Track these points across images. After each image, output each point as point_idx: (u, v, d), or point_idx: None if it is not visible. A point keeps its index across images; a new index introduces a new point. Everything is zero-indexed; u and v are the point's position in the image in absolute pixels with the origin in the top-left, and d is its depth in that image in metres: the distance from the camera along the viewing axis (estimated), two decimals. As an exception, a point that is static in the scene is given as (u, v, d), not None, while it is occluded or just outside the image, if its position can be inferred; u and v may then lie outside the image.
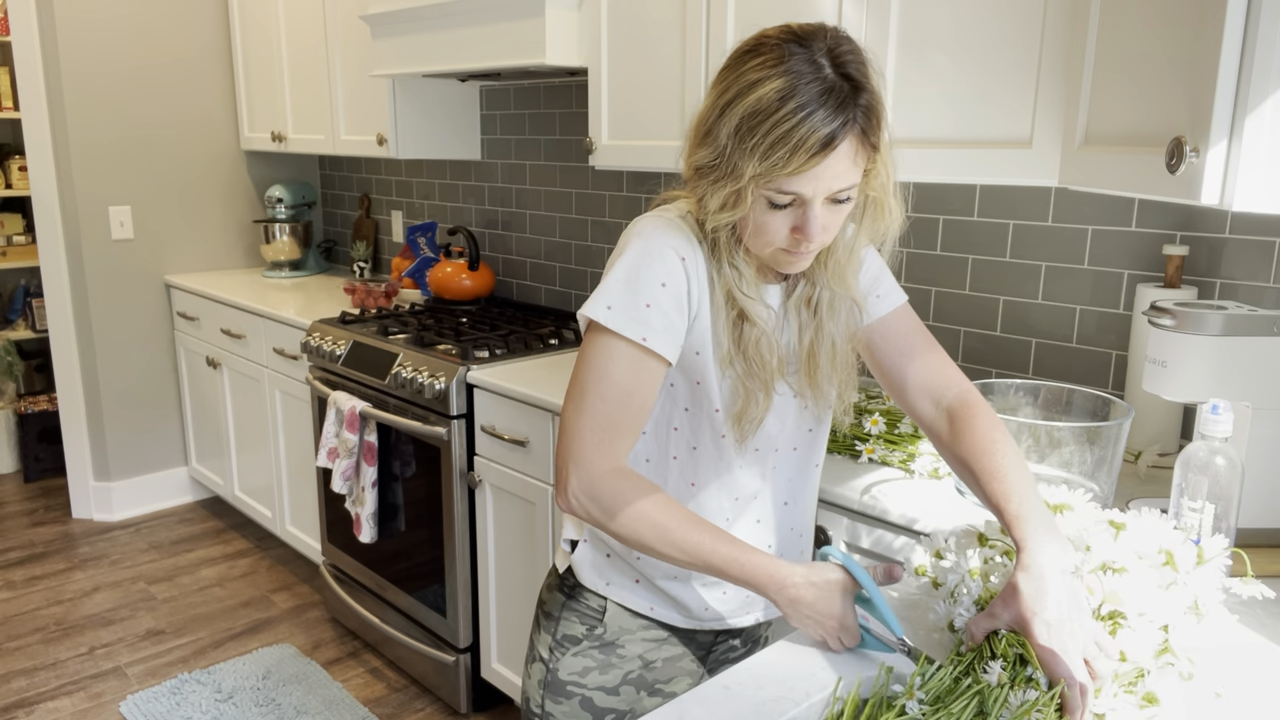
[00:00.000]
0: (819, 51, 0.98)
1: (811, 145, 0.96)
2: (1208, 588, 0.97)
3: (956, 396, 1.17)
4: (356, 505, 2.60)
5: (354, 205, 3.93)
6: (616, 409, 1.07)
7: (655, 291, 1.07)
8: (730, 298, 1.10)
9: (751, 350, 1.10)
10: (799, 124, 0.95)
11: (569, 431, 1.08)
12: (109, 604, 3.09)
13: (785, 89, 0.96)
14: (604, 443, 1.07)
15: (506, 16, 2.29)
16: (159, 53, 3.59)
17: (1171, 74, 1.12)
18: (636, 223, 1.13)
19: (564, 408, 1.10)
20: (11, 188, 4.15)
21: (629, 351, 1.06)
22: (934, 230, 2.03)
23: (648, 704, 1.27)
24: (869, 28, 1.65)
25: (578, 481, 1.06)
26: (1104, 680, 0.88)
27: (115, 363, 3.65)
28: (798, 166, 0.97)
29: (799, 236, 1.03)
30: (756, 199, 1.02)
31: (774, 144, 0.96)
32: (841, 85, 0.97)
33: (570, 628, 1.27)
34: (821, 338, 1.14)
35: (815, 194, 1.00)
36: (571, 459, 1.07)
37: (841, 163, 0.98)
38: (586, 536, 1.26)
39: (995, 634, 0.92)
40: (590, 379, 1.08)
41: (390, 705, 2.56)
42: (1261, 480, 1.29)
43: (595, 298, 1.08)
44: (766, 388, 1.12)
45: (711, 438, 1.16)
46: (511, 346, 2.49)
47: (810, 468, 1.26)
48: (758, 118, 0.97)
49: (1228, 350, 1.28)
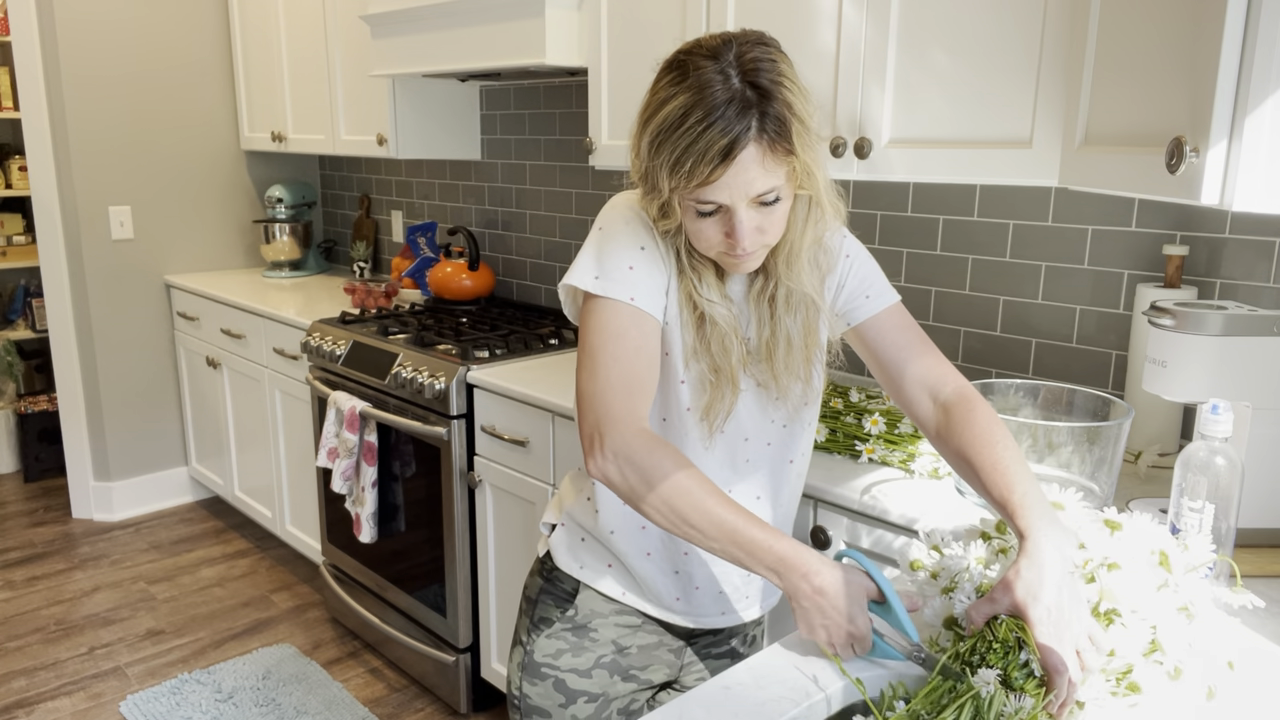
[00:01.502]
0: (727, 62, 1.01)
1: (712, 156, 0.99)
2: (1198, 592, 0.97)
3: (954, 391, 1.17)
4: (356, 505, 2.60)
5: (354, 205, 3.93)
6: (631, 366, 1.08)
7: (635, 254, 1.11)
8: (690, 300, 1.13)
9: (715, 348, 1.13)
10: (699, 136, 0.99)
11: (590, 396, 1.08)
12: (109, 604, 3.09)
13: (688, 103, 1.00)
14: (628, 402, 1.07)
15: (506, 16, 2.29)
16: (159, 53, 3.59)
17: (1171, 74, 1.12)
18: (613, 198, 1.18)
19: (579, 377, 1.11)
20: (11, 188, 4.15)
21: (627, 311, 1.09)
22: (934, 230, 2.03)
23: (621, 689, 1.28)
24: (869, 28, 1.65)
25: (613, 445, 1.04)
26: (1092, 672, 0.89)
27: (115, 363, 3.65)
28: (703, 178, 1.00)
29: (732, 241, 1.06)
30: (685, 208, 1.06)
31: (679, 157, 1.00)
32: (745, 94, 0.99)
33: (545, 610, 1.29)
34: (778, 332, 1.16)
35: (733, 200, 1.03)
36: (603, 422, 1.06)
37: (750, 169, 1.00)
38: (564, 520, 1.28)
39: (994, 619, 0.92)
40: (598, 342, 1.09)
41: (390, 705, 2.56)
42: (1261, 480, 1.29)
43: (580, 268, 1.12)
44: (733, 383, 1.15)
45: (678, 412, 1.18)
46: (511, 346, 2.49)
47: (784, 464, 1.26)
48: (664, 133, 1.01)
49: (1228, 350, 1.28)
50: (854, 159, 1.70)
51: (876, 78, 1.66)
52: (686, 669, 1.34)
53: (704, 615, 1.29)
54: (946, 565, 1.04)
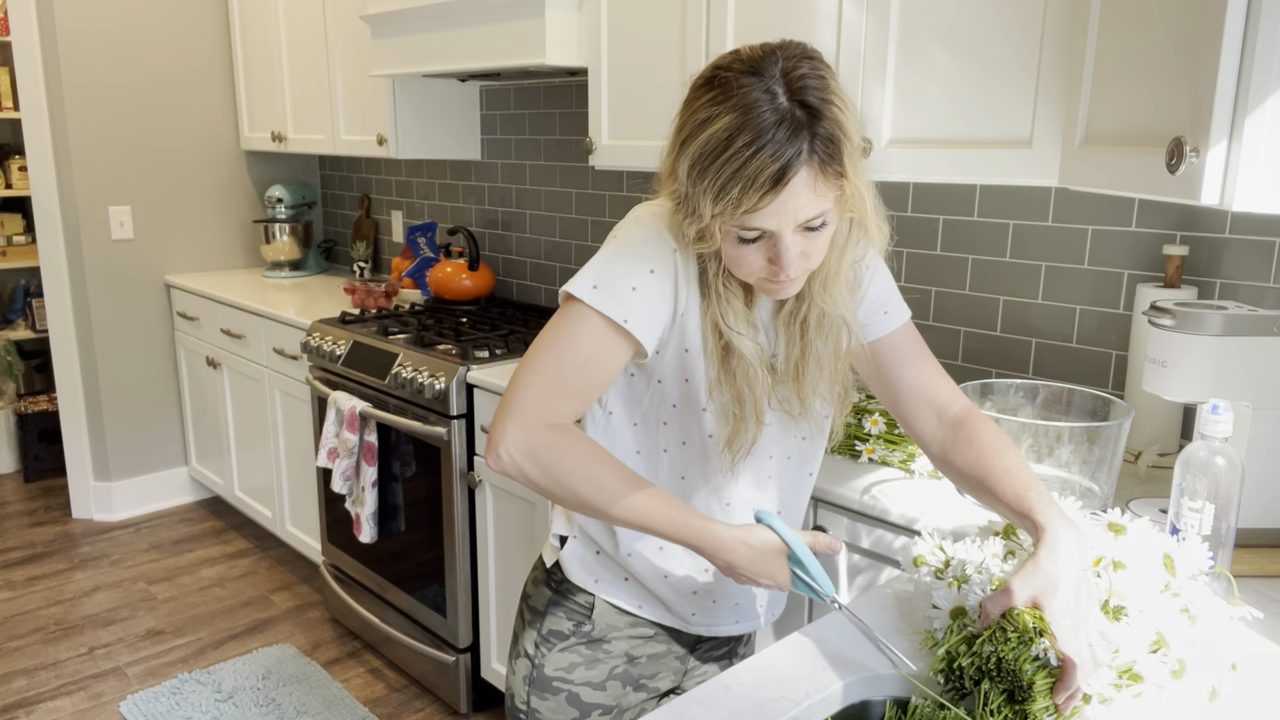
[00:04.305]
0: (772, 78, 0.93)
1: (763, 183, 0.92)
2: (1202, 593, 0.98)
3: (962, 409, 1.18)
4: (356, 505, 2.60)
5: (354, 205, 3.93)
6: (570, 371, 1.04)
7: (643, 276, 1.05)
8: (716, 329, 1.08)
9: (740, 380, 1.09)
10: (747, 162, 0.92)
11: (513, 387, 1.04)
12: (109, 604, 3.09)
13: (733, 125, 0.92)
14: (547, 401, 1.03)
15: (506, 16, 2.29)
16: (159, 53, 3.59)
17: (1171, 74, 1.12)
18: (636, 209, 1.11)
19: (517, 368, 1.06)
20: (11, 188, 4.15)
21: (602, 327, 1.04)
22: (934, 230, 2.03)
23: (633, 699, 1.27)
24: (869, 28, 1.65)
25: (513, 436, 1.02)
26: (1100, 666, 0.90)
27: (115, 363, 3.65)
28: (752, 205, 0.94)
29: (775, 267, 1.00)
30: (725, 234, 1.00)
31: (725, 184, 0.93)
32: (794, 114, 0.92)
33: (557, 623, 1.26)
34: (808, 355, 1.11)
35: (781, 227, 0.97)
36: (509, 412, 1.02)
37: (801, 194, 0.94)
38: (576, 533, 1.25)
39: (1008, 611, 0.93)
40: (550, 341, 1.05)
41: (390, 705, 2.56)
42: (1261, 480, 1.29)
43: (583, 275, 1.06)
44: (758, 417, 1.11)
45: (699, 435, 1.15)
46: (511, 346, 2.49)
47: (804, 476, 1.26)
48: (708, 158, 0.94)
49: (1228, 350, 1.28)
50: (854, 159, 1.70)
51: (876, 78, 1.66)
52: (690, 674, 1.34)
53: (719, 625, 1.28)
54: (958, 557, 1.04)
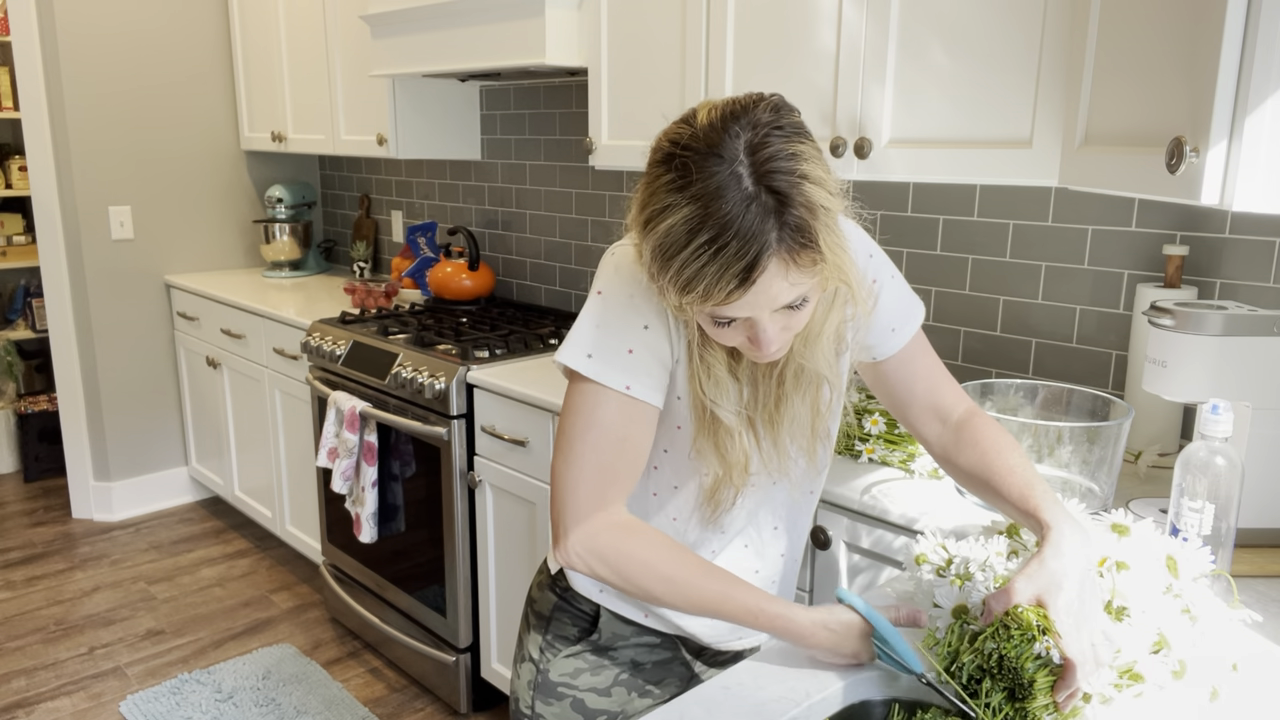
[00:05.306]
0: (736, 160, 0.85)
1: (728, 280, 0.86)
2: (1204, 594, 0.98)
3: (966, 411, 1.18)
4: (356, 505, 2.60)
5: (354, 205, 3.93)
6: (610, 456, 1.02)
7: (637, 335, 1.01)
8: (696, 398, 1.04)
9: (721, 444, 1.06)
10: (708, 262, 0.85)
11: (561, 485, 1.03)
12: (109, 604, 3.09)
13: (693, 218, 0.85)
14: (600, 493, 1.02)
15: (506, 16, 2.29)
16: (159, 53, 3.59)
17: (1171, 74, 1.12)
18: (614, 253, 1.05)
19: (554, 461, 1.04)
20: (11, 188, 4.15)
21: (615, 398, 1.01)
22: (934, 230, 2.02)
23: (638, 704, 1.26)
24: (869, 28, 1.65)
25: (577, 538, 1.01)
26: (1103, 666, 0.90)
27: (115, 363, 3.65)
28: (720, 300, 0.88)
29: (755, 346, 0.95)
30: (699, 315, 0.95)
31: (690, 280, 0.87)
32: (761, 199, 0.84)
33: (563, 629, 1.25)
34: (783, 409, 1.07)
35: (756, 314, 0.91)
36: (567, 513, 1.02)
37: (774, 285, 0.88)
38: None
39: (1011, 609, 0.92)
40: (578, 428, 1.02)
41: (390, 705, 2.56)
42: (1261, 480, 1.29)
43: (574, 343, 1.02)
44: (743, 471, 1.09)
45: (695, 478, 1.13)
46: (511, 346, 2.49)
47: (804, 495, 1.23)
48: (669, 250, 0.87)
49: (1228, 350, 1.28)
50: (854, 159, 1.70)
51: (876, 78, 1.66)
52: (697, 680, 1.34)
53: (724, 640, 1.27)
54: (961, 555, 1.04)
